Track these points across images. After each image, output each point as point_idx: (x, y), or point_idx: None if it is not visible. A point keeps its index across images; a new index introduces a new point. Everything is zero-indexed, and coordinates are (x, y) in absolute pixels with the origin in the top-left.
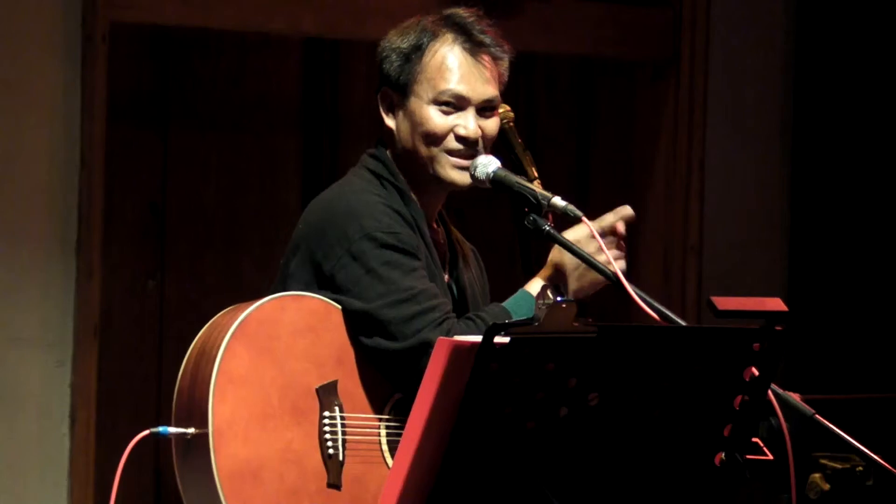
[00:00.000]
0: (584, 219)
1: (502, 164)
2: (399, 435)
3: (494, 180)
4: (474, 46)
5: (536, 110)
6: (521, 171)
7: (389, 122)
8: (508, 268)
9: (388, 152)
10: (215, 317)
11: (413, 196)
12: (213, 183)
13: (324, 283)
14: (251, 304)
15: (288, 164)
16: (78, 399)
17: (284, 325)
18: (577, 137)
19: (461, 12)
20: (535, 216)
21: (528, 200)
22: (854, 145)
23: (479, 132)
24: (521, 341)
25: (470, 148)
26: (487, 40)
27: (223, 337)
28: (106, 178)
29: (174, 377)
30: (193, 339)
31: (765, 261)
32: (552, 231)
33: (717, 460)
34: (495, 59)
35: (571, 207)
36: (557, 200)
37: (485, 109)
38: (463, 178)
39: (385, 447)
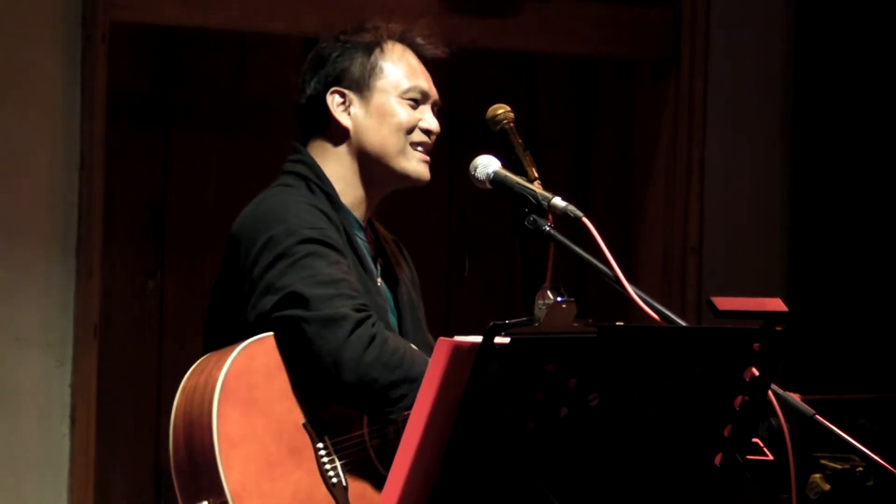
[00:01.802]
0: (585, 219)
1: (502, 164)
2: (382, 442)
3: (494, 181)
4: (420, 53)
5: (536, 110)
6: (521, 172)
7: (345, 121)
8: (509, 268)
9: (315, 157)
10: (184, 380)
11: (342, 200)
12: (213, 183)
13: (239, 291)
14: (221, 362)
15: None
16: (78, 399)
17: (258, 371)
18: (577, 137)
19: (399, 26)
20: (535, 216)
21: (528, 201)
22: (854, 145)
23: (439, 128)
24: (520, 342)
25: (430, 141)
26: (428, 51)
27: (209, 403)
28: (106, 178)
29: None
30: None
31: (765, 261)
32: (552, 231)
33: (717, 460)
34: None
35: (572, 208)
36: (557, 201)
37: (433, 109)
38: (427, 173)
39: (375, 458)
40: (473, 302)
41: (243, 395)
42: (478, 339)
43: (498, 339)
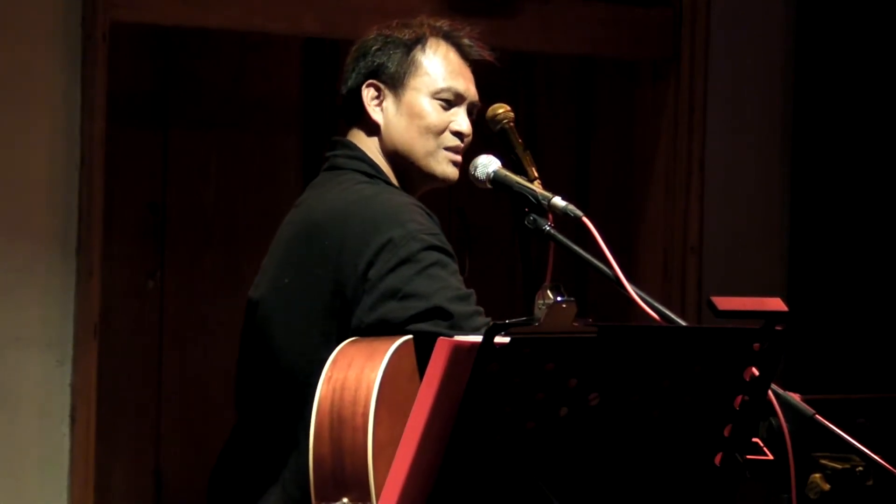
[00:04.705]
0: (585, 219)
1: (502, 164)
2: None
3: (495, 180)
4: (464, 53)
5: (536, 110)
6: (521, 171)
7: (376, 115)
8: (509, 268)
9: (364, 150)
10: (327, 369)
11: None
12: (213, 183)
13: (343, 294)
14: (374, 361)
15: (288, 164)
16: (78, 399)
17: (403, 373)
18: (577, 137)
19: (446, 24)
20: (535, 216)
21: (528, 200)
22: (854, 145)
23: (471, 130)
24: (521, 341)
25: (461, 144)
26: (474, 52)
27: (365, 404)
28: (106, 178)
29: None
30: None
31: (765, 261)
32: (552, 231)
33: (717, 460)
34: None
35: (572, 207)
36: (558, 200)
37: (470, 112)
38: (455, 174)
39: None
40: None
41: (394, 398)
42: (478, 338)
43: (498, 339)
